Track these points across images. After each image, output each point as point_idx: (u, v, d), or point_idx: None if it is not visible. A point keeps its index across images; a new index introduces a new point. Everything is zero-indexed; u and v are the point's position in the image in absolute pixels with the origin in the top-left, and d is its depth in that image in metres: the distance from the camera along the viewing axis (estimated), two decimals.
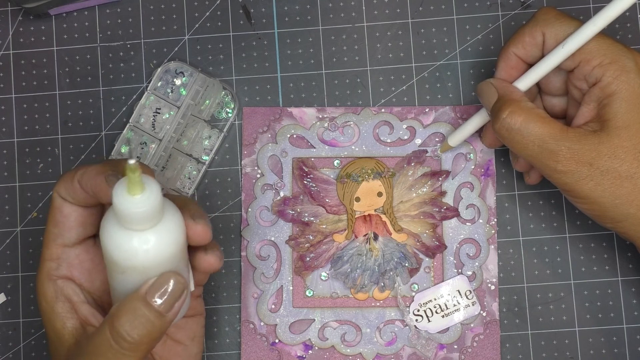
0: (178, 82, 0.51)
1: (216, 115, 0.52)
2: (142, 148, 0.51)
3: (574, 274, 0.51)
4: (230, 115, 0.52)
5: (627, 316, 0.51)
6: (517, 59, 0.46)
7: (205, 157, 0.52)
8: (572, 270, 0.51)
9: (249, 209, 0.52)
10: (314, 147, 0.52)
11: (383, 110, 0.52)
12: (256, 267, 0.51)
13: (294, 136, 0.52)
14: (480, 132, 0.50)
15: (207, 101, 0.52)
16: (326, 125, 0.52)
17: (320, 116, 0.52)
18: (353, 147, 0.52)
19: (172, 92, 0.51)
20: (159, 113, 0.51)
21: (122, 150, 0.51)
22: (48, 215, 0.41)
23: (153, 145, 0.51)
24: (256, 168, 0.52)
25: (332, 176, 0.51)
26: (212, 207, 0.52)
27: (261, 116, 0.52)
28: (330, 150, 0.52)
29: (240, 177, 0.52)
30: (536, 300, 0.51)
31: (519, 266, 0.51)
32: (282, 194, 0.52)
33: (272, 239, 0.51)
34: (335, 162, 0.52)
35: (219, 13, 0.53)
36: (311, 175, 0.51)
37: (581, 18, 0.52)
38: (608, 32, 0.52)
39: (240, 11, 0.53)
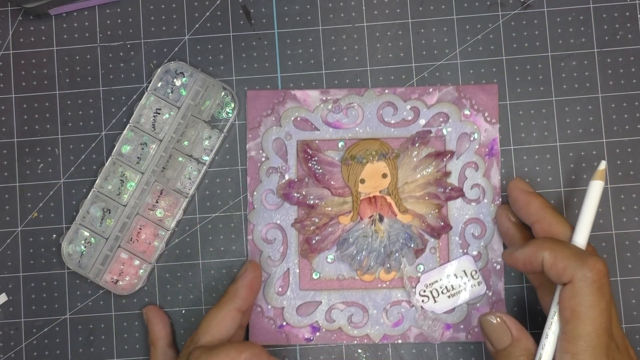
0: (178, 82, 0.51)
1: (216, 116, 0.52)
2: (143, 148, 0.51)
3: None
4: (230, 115, 0.52)
5: (627, 316, 0.51)
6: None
7: (205, 158, 0.52)
8: None
9: (255, 193, 0.52)
10: (318, 130, 0.52)
11: (387, 91, 0.52)
12: (262, 250, 0.51)
13: (298, 119, 0.52)
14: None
15: (208, 102, 0.52)
16: (330, 107, 0.52)
17: (324, 98, 0.52)
18: (357, 129, 0.52)
19: (172, 92, 0.51)
20: (159, 113, 0.51)
21: (123, 151, 0.51)
22: None
23: (153, 146, 0.51)
24: (261, 151, 0.52)
25: (336, 158, 0.51)
26: (213, 207, 0.52)
27: (265, 99, 0.52)
28: (335, 132, 0.52)
29: (245, 160, 0.52)
30: (536, 300, 0.51)
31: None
32: (287, 177, 0.52)
33: (278, 222, 0.52)
34: (340, 144, 0.52)
35: (219, 13, 0.53)
36: (316, 158, 0.51)
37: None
38: (609, 33, 0.52)
39: (240, 11, 0.53)
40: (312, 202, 0.51)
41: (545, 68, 0.52)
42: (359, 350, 0.51)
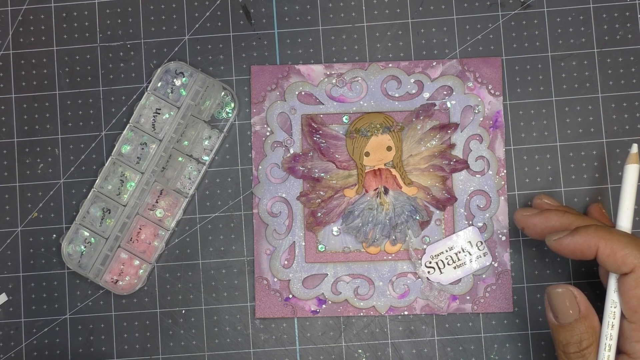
0: (178, 82, 0.51)
1: (216, 116, 0.52)
2: (143, 148, 0.51)
3: (574, 274, 0.51)
4: (230, 115, 0.52)
5: None
6: None
7: (205, 158, 0.52)
8: (572, 270, 0.51)
9: (260, 167, 0.52)
10: (323, 104, 0.52)
11: (390, 65, 0.52)
12: (268, 223, 0.52)
13: (302, 93, 0.52)
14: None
15: (208, 102, 0.52)
16: (334, 81, 0.52)
17: (328, 72, 0.52)
18: (361, 103, 0.52)
19: (172, 92, 0.51)
20: (159, 113, 0.51)
21: (123, 151, 0.51)
22: None
23: (153, 146, 0.51)
24: (265, 126, 0.52)
25: (341, 132, 0.52)
26: (212, 207, 0.52)
27: (269, 74, 0.52)
28: (339, 106, 0.52)
29: (250, 135, 0.52)
30: (536, 300, 0.51)
31: (519, 266, 0.51)
32: (292, 151, 0.52)
33: (284, 195, 0.52)
34: (344, 118, 0.52)
35: (219, 13, 0.53)
36: (320, 132, 0.51)
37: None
38: (609, 33, 0.52)
39: (240, 11, 0.53)
40: (317, 175, 0.51)
41: (545, 68, 0.52)
42: (359, 351, 0.51)
